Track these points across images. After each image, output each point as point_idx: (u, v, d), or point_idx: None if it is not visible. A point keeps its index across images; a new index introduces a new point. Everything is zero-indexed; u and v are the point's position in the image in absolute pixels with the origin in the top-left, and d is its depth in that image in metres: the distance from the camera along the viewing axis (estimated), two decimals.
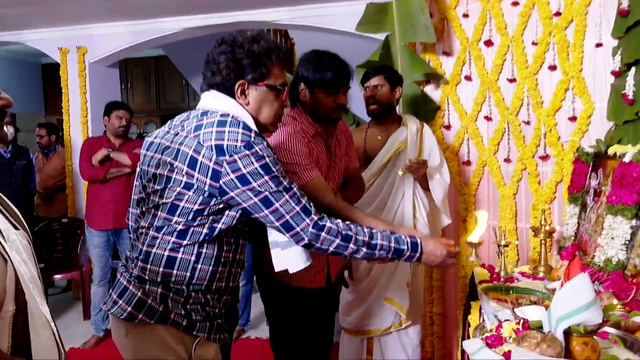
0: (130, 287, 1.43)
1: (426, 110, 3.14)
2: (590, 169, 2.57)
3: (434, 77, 3.11)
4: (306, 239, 1.39)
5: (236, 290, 2.05)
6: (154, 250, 1.41)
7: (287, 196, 1.37)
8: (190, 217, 1.38)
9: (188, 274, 1.40)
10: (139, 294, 1.41)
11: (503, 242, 2.38)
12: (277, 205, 1.36)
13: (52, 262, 4.64)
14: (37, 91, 8.23)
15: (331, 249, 1.40)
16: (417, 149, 2.66)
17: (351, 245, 1.41)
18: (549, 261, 2.39)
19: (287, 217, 1.37)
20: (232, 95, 1.45)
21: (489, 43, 2.97)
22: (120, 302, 1.43)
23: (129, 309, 1.40)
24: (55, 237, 4.62)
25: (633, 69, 2.27)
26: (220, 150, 1.33)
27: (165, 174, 1.39)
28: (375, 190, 2.64)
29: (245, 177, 1.33)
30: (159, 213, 1.41)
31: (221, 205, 1.38)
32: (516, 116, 2.91)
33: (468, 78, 3.06)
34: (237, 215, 1.41)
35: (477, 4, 2.99)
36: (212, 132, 1.36)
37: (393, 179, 2.63)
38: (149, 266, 1.41)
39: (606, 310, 1.64)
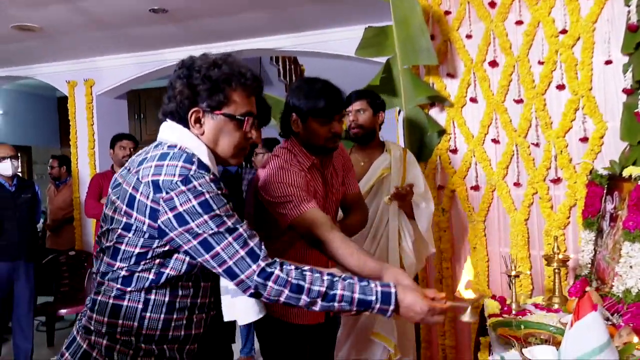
0: (78, 338, 1.32)
1: (431, 134, 3.04)
2: (605, 192, 2.43)
3: (438, 100, 3.02)
4: (252, 287, 1.22)
5: (229, 328, 1.95)
6: (99, 298, 1.30)
7: (230, 238, 1.21)
8: (133, 261, 1.25)
9: (136, 323, 1.27)
10: (84, 346, 1.29)
11: (513, 273, 2.24)
12: (218, 249, 1.21)
13: (59, 296, 4.60)
14: (52, 124, 8.34)
15: (282, 299, 1.23)
16: (400, 176, 2.60)
17: (303, 297, 1.23)
18: (564, 291, 2.25)
19: (230, 262, 1.21)
20: (186, 124, 1.31)
21: (493, 64, 2.88)
22: (67, 354, 1.31)
23: None
24: (62, 270, 4.58)
25: None
26: (156, 186, 1.20)
27: (109, 214, 1.28)
28: None
29: (182, 216, 1.19)
30: (104, 257, 1.30)
31: (166, 248, 1.25)
32: (525, 138, 2.80)
33: (473, 100, 2.96)
34: (187, 260, 1.27)
35: (480, 24, 2.91)
36: (151, 167, 1.23)
37: (377, 207, 2.56)
38: (94, 315, 1.29)
39: (624, 350, 1.50)
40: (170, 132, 1.33)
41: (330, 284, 1.24)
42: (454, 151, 3.03)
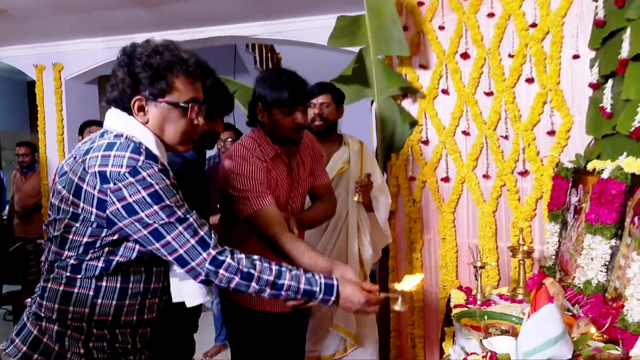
0: (28, 324, 1.31)
1: (403, 125, 3.04)
2: (570, 185, 2.46)
3: (410, 91, 3.02)
4: (202, 274, 1.25)
5: (191, 317, 1.92)
6: (49, 285, 1.29)
7: (180, 228, 1.23)
8: (81, 250, 1.25)
9: (87, 310, 1.27)
10: (35, 332, 1.29)
11: (479, 264, 2.27)
12: (168, 238, 1.22)
13: (26, 285, 4.50)
14: (22, 108, 8.12)
15: (231, 286, 1.27)
16: (358, 169, 2.64)
17: (253, 284, 1.28)
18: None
19: (181, 251, 1.23)
20: (130, 112, 1.30)
21: (465, 56, 2.89)
22: (17, 340, 1.31)
23: (24, 348, 1.28)
24: (30, 259, 4.48)
25: (610, 81, 2.18)
26: (103, 177, 1.20)
27: (56, 203, 1.27)
28: None
29: (132, 206, 1.20)
30: (52, 246, 1.29)
31: (115, 237, 1.25)
32: (494, 130, 2.82)
33: (445, 92, 2.97)
34: (137, 247, 1.27)
35: (452, 15, 2.91)
36: (97, 157, 1.22)
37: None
38: (44, 302, 1.29)
39: (581, 340, 1.52)
40: (115, 120, 1.31)
41: (278, 273, 1.31)
42: (426, 142, 3.05)
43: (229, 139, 3.63)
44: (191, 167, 1.77)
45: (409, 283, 1.45)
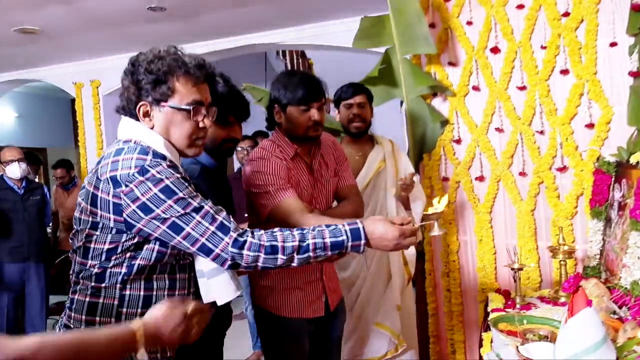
0: None
1: (434, 125, 2.97)
2: (613, 179, 2.34)
3: (439, 90, 2.95)
4: (229, 259, 1.24)
5: (220, 324, 1.90)
6: (76, 297, 1.30)
7: (197, 217, 1.23)
8: (104, 257, 1.26)
9: (113, 319, 1.28)
10: None
11: (516, 265, 2.18)
12: (188, 229, 1.23)
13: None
14: (67, 125, 8.42)
15: (260, 264, 1.25)
16: (394, 168, 2.61)
17: (280, 256, 1.25)
18: None
19: (202, 239, 1.23)
20: (137, 119, 1.32)
21: (495, 50, 2.79)
22: None
23: None
24: None
25: None
26: (115, 181, 1.22)
27: (77, 215, 1.31)
28: None
29: (146, 205, 1.21)
30: (77, 257, 1.31)
31: (135, 240, 1.26)
32: (529, 126, 2.71)
33: (476, 88, 2.87)
34: (157, 247, 1.28)
35: (480, 10, 2.82)
36: (108, 164, 1.25)
37: (375, 201, 2.56)
38: (72, 314, 1.30)
39: (627, 345, 1.43)
40: (125, 127, 1.34)
41: (301, 236, 1.28)
42: (458, 141, 2.96)
43: (249, 147, 3.66)
44: (210, 174, 1.77)
45: (439, 205, 1.40)
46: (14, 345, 0.94)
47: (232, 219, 1.28)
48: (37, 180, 4.92)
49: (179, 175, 1.26)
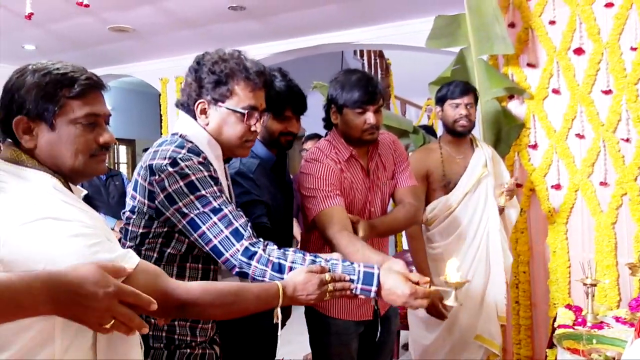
0: None
1: (509, 129, 2.84)
2: None
3: (516, 92, 2.82)
4: (237, 266, 1.24)
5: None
6: None
7: (215, 218, 1.25)
8: (138, 241, 1.32)
9: None
10: None
11: (589, 281, 2.04)
12: (204, 228, 1.25)
13: None
14: (154, 118, 8.90)
15: (266, 279, 1.24)
16: (493, 174, 2.43)
17: (285, 276, 1.23)
18: None
19: (215, 241, 1.25)
20: (194, 114, 1.38)
21: (579, 51, 2.63)
22: None
23: None
24: None
25: None
26: (150, 170, 1.28)
27: (126, 200, 1.39)
28: (454, 221, 2.40)
29: (172, 196, 1.26)
30: (121, 239, 1.39)
31: (165, 229, 1.32)
32: (613, 133, 2.53)
33: (556, 91, 2.72)
34: (187, 240, 1.32)
35: (565, 8, 2.67)
36: (150, 153, 1.32)
37: (474, 208, 2.39)
38: None
39: None
40: (179, 122, 1.41)
41: (312, 264, 1.25)
42: (534, 147, 2.82)
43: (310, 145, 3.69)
44: (268, 169, 1.80)
45: (455, 274, 1.28)
46: (181, 289, 1.02)
47: (249, 228, 1.28)
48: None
49: (207, 174, 1.29)
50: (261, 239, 1.29)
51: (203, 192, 1.27)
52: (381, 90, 1.84)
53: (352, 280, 1.24)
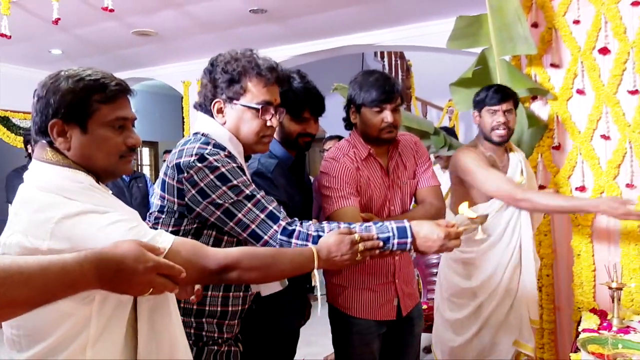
0: None
1: (532, 130, 2.80)
2: None
3: (539, 93, 2.78)
4: (277, 246, 1.29)
5: (294, 313, 1.92)
6: None
7: (249, 204, 1.30)
8: None
9: None
10: None
11: (614, 284, 2.00)
12: (239, 215, 1.31)
13: None
14: (177, 121, 9.02)
15: None
16: (528, 180, 2.38)
17: None
18: None
19: (253, 226, 1.30)
20: (212, 114, 1.42)
21: (604, 51, 2.58)
22: None
23: None
24: None
25: None
26: (178, 168, 1.33)
27: (152, 200, 1.47)
28: (490, 228, 2.33)
29: (204, 190, 1.30)
30: None
31: (194, 226, 1.35)
32: None
33: (580, 92, 2.68)
34: (214, 234, 1.37)
35: (589, 7, 2.62)
36: (175, 153, 1.36)
37: (510, 215, 2.34)
38: None
39: None
40: (199, 122, 1.46)
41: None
42: (557, 148, 2.77)
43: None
44: (286, 169, 1.82)
45: (472, 211, 1.43)
46: (220, 254, 1.09)
47: (282, 209, 1.34)
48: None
49: (235, 165, 1.34)
50: (296, 218, 1.34)
51: (234, 181, 1.31)
52: (399, 89, 1.88)
53: (388, 238, 1.30)
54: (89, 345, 0.96)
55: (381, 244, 1.28)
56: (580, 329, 1.99)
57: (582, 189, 2.70)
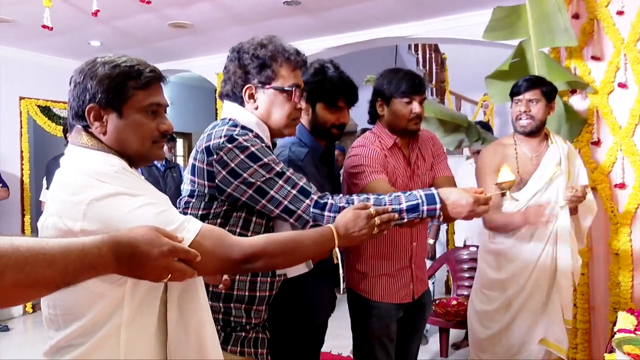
0: None
1: (570, 125, 2.73)
2: None
3: (578, 86, 2.70)
4: (310, 220, 1.32)
5: (322, 302, 1.93)
6: None
7: (280, 181, 1.33)
8: None
9: None
10: None
11: None
12: (272, 192, 1.34)
13: None
14: (210, 113, 9.14)
15: None
16: (567, 172, 2.28)
17: None
18: None
19: (285, 202, 1.33)
20: (241, 101, 1.43)
21: None
22: None
23: None
24: None
25: None
26: (208, 151, 1.35)
27: (182, 186, 1.46)
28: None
29: (235, 170, 1.33)
30: None
31: (224, 208, 1.37)
32: None
33: (623, 85, 2.60)
34: (243, 215, 1.39)
35: None
36: (204, 137, 1.38)
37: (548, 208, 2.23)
38: None
39: None
40: (225, 110, 1.47)
41: (378, 201, 1.36)
42: (596, 143, 2.70)
43: None
44: (316, 158, 1.83)
45: (506, 174, 1.45)
46: (246, 243, 1.10)
47: (312, 184, 1.37)
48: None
49: (263, 144, 1.36)
50: (327, 192, 1.38)
51: (265, 160, 1.34)
52: (425, 83, 1.99)
53: (417, 205, 1.34)
54: (123, 326, 0.99)
55: (396, 215, 1.31)
56: (615, 329, 1.93)
57: (621, 186, 2.62)
